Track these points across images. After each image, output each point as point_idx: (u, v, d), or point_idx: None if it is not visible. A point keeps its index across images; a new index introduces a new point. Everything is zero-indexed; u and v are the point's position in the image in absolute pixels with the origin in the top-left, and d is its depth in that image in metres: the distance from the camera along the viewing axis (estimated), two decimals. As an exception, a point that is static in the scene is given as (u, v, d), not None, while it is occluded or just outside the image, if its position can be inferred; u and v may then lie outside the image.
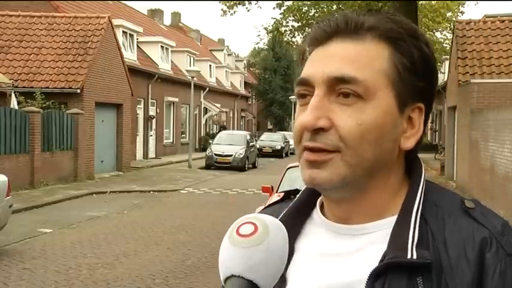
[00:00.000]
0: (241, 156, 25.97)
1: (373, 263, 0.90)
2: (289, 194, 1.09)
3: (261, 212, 1.10)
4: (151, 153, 28.71)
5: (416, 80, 0.94)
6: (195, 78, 26.88)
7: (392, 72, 0.93)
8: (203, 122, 38.01)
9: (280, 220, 1.01)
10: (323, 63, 0.94)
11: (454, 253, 0.89)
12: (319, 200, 1.04)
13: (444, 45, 30.65)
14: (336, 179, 0.92)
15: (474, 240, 0.89)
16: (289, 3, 18.31)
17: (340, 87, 0.91)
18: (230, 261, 0.82)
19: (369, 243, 0.93)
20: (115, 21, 22.52)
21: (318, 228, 1.00)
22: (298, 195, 1.06)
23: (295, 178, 9.56)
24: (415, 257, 0.88)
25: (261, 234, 0.82)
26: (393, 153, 0.95)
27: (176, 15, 50.70)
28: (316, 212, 1.03)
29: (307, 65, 0.96)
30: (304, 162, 0.94)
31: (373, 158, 0.92)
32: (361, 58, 0.92)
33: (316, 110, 0.92)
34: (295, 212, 1.03)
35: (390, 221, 0.94)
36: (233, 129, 41.25)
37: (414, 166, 0.99)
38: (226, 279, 0.82)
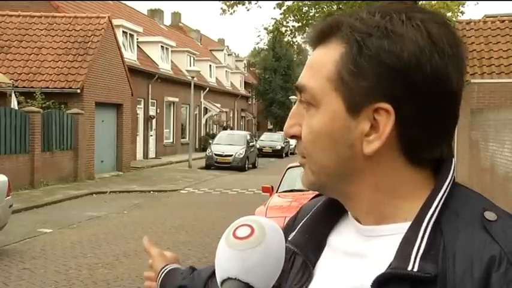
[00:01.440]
0: (241, 156, 25.97)
1: (381, 268, 0.86)
2: None
3: (308, 202, 1.10)
4: (152, 153, 28.71)
5: (367, 81, 0.86)
6: (195, 78, 26.88)
7: (336, 76, 0.88)
8: (203, 122, 38.01)
9: (312, 212, 1.01)
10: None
11: (460, 269, 0.82)
12: None
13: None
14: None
15: (483, 257, 0.81)
16: (289, 3, 18.28)
17: (301, 96, 0.93)
18: (226, 264, 0.82)
19: (383, 246, 0.89)
20: (115, 21, 22.53)
21: (348, 225, 0.97)
22: None
23: (295, 178, 9.56)
24: (415, 269, 0.82)
25: (257, 237, 0.82)
26: (355, 159, 0.89)
27: (176, 15, 50.70)
28: None
29: None
30: None
31: (331, 164, 0.90)
32: (316, 64, 0.91)
33: (291, 118, 0.94)
34: (329, 206, 1.00)
35: (405, 226, 0.88)
36: (233, 129, 41.24)
37: (443, 168, 0.91)
38: (222, 282, 0.82)
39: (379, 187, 0.90)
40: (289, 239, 0.99)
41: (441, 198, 0.88)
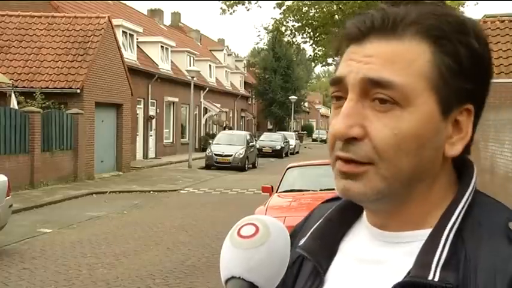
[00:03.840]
0: (241, 156, 25.97)
1: (400, 276, 0.82)
2: None
3: (319, 205, 1.05)
4: (151, 153, 28.71)
5: (464, 81, 0.83)
6: (195, 78, 26.87)
7: (435, 75, 0.82)
8: (203, 122, 38.01)
9: (325, 217, 0.97)
10: (359, 63, 0.84)
11: (482, 281, 0.77)
12: None
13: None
14: (371, 192, 0.84)
15: (507, 270, 0.77)
16: (289, 3, 18.26)
17: (376, 92, 0.82)
18: (231, 263, 0.81)
19: (402, 253, 0.86)
20: (115, 21, 22.53)
21: (363, 231, 0.93)
22: None
23: (295, 178, 9.57)
24: (436, 278, 0.79)
25: (262, 236, 0.81)
26: (435, 162, 0.85)
27: (176, 15, 50.71)
28: (365, 213, 0.95)
29: (342, 64, 0.87)
30: (338, 173, 0.86)
31: (411, 169, 0.83)
32: (400, 59, 0.82)
33: (349, 117, 0.83)
34: (344, 210, 0.96)
35: (427, 233, 0.84)
36: (232, 129, 41.22)
37: (464, 174, 0.89)
38: (226, 281, 0.82)
39: (431, 193, 0.87)
40: (299, 244, 0.96)
41: (464, 205, 0.85)
